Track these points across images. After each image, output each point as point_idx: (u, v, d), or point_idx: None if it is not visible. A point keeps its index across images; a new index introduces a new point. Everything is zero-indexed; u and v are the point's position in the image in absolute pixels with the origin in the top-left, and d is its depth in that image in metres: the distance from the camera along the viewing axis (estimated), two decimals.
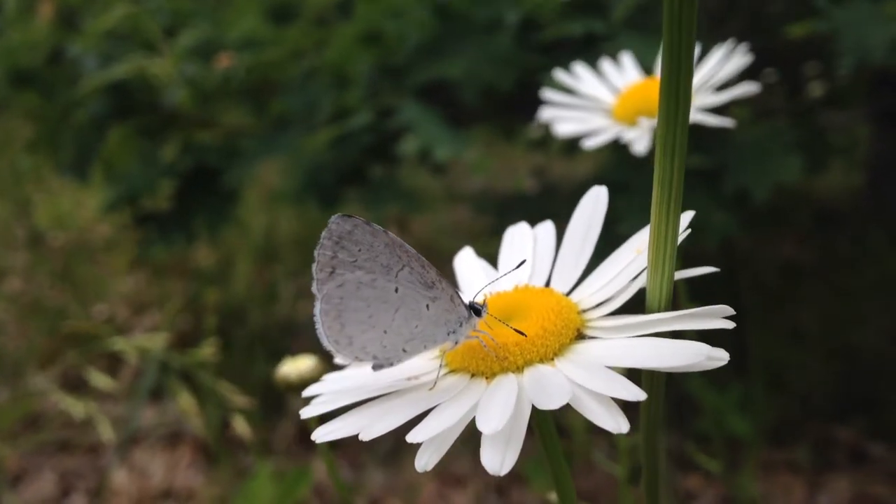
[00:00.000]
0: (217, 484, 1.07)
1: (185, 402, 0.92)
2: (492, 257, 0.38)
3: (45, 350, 1.35)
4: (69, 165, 1.20)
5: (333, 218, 0.28)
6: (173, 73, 1.07)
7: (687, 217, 0.27)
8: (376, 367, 0.29)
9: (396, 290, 0.29)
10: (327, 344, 0.29)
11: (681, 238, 0.25)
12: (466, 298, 0.30)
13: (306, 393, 0.30)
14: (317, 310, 0.29)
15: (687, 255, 1.23)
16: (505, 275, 0.32)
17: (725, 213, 0.96)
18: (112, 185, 1.18)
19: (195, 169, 1.17)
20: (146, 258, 1.14)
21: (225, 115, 1.29)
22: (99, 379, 0.96)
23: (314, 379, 0.44)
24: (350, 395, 0.28)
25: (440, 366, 0.29)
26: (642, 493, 0.29)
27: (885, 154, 1.45)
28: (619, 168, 0.98)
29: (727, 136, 0.97)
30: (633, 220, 0.89)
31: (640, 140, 0.55)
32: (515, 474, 0.94)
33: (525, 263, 0.33)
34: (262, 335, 1.33)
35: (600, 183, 0.96)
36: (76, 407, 0.93)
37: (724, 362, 0.23)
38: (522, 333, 0.28)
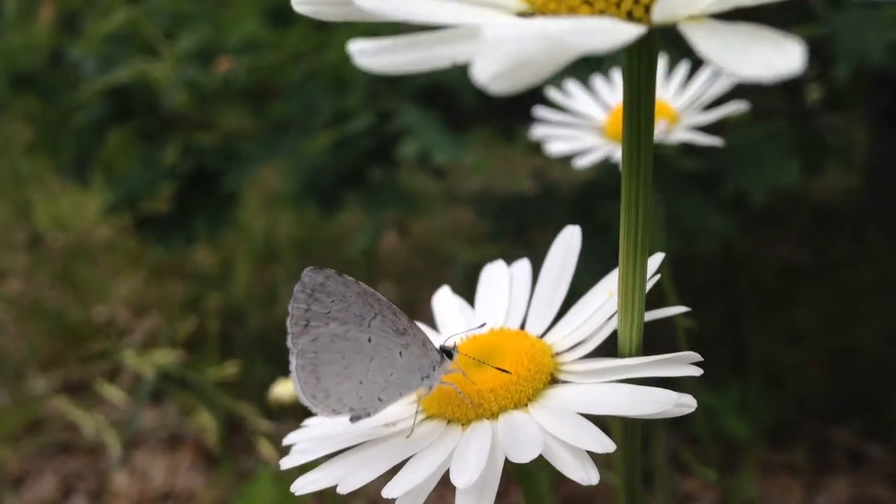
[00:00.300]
0: (218, 486, 1.08)
1: (204, 418, 0.93)
2: (488, 261, 0.38)
3: (46, 352, 1.36)
4: (69, 168, 1.21)
5: (306, 271, 0.29)
6: (173, 77, 1.07)
7: (655, 262, 0.28)
8: (353, 419, 0.29)
9: (370, 340, 0.29)
10: (304, 399, 0.29)
11: (649, 284, 0.26)
12: (443, 340, 0.31)
13: (286, 441, 0.30)
14: (293, 365, 0.29)
15: (686, 257, 1.24)
16: (471, 329, 0.32)
17: (724, 216, 0.96)
18: (112, 187, 1.18)
19: (195, 171, 1.17)
20: (149, 259, 1.15)
21: (224, 118, 1.29)
22: (107, 390, 0.97)
23: None
24: (329, 444, 0.28)
25: (416, 412, 0.29)
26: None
27: (883, 155, 1.45)
28: (616, 173, 0.98)
29: (725, 139, 0.97)
30: None
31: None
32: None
33: (499, 306, 0.33)
34: (262, 337, 1.34)
35: (599, 187, 0.96)
36: (85, 420, 0.93)
37: (692, 409, 0.24)
38: (507, 371, 0.28)
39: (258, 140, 1.11)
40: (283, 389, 0.46)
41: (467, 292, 0.37)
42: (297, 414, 0.43)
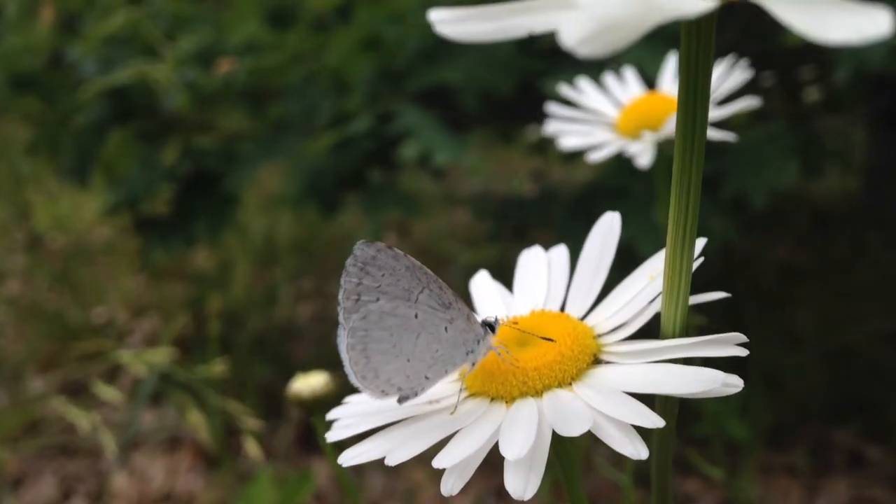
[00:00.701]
0: (217, 488, 1.08)
1: (194, 417, 0.92)
2: (488, 262, 0.38)
3: (45, 353, 1.36)
4: (69, 169, 1.21)
5: (358, 244, 0.29)
6: (173, 78, 1.07)
7: (700, 244, 0.28)
8: (402, 400, 0.29)
9: (416, 316, 0.29)
10: (355, 380, 0.29)
11: (695, 267, 0.26)
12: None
13: (330, 416, 0.31)
14: (343, 345, 0.29)
15: None
16: (512, 311, 0.32)
17: (724, 217, 0.96)
18: (112, 188, 1.18)
19: (195, 173, 1.17)
20: (146, 262, 1.15)
21: (224, 119, 1.29)
22: (105, 391, 0.97)
23: (326, 395, 0.44)
24: (373, 419, 0.29)
25: (460, 389, 0.29)
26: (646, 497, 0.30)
27: (882, 157, 1.46)
28: (618, 174, 0.98)
29: (724, 141, 0.97)
30: (632, 225, 0.89)
31: (643, 154, 0.56)
32: None
33: (538, 290, 0.34)
34: (262, 338, 1.34)
35: (600, 189, 0.96)
36: (81, 419, 0.93)
37: (740, 388, 0.24)
38: (551, 339, 0.29)
39: (258, 141, 1.11)
40: (302, 384, 0.45)
41: (467, 293, 0.37)
42: (315, 410, 0.43)
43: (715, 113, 0.56)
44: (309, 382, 0.45)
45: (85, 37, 1.16)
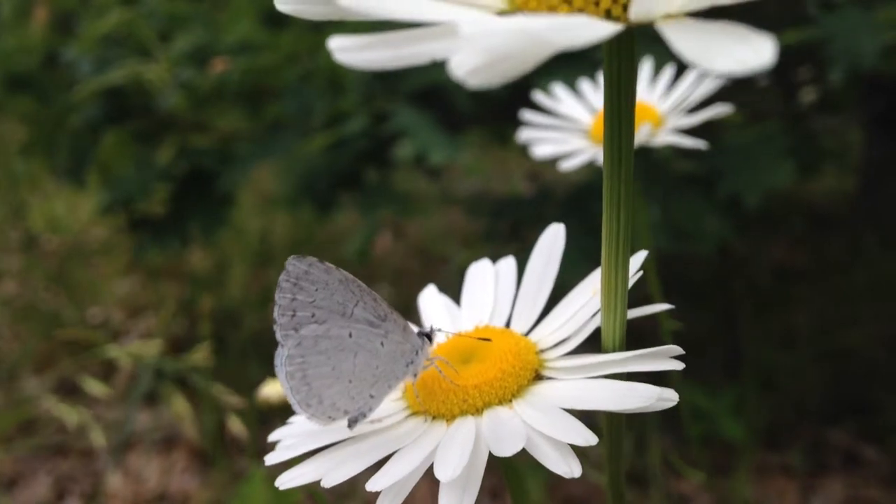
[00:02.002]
0: (212, 488, 1.07)
1: (179, 406, 0.92)
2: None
3: (40, 354, 1.35)
4: (64, 169, 1.21)
5: (290, 259, 0.29)
6: (168, 78, 1.07)
7: (638, 259, 0.28)
8: (351, 424, 0.29)
9: (350, 335, 0.29)
10: (299, 409, 0.29)
11: (632, 281, 0.26)
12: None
13: (271, 437, 0.30)
14: (281, 372, 0.29)
15: (681, 259, 1.24)
16: (456, 328, 0.33)
17: (719, 218, 0.96)
18: (107, 188, 1.18)
19: (190, 173, 1.17)
20: (141, 261, 1.15)
21: (219, 119, 1.29)
22: (94, 386, 0.97)
23: None
24: (315, 440, 0.29)
25: (403, 408, 0.29)
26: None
27: (878, 158, 1.46)
28: None
29: (720, 142, 0.97)
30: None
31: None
32: None
33: (485, 304, 0.34)
34: (257, 339, 1.33)
35: (594, 188, 0.96)
36: (70, 415, 0.93)
37: (674, 403, 0.24)
38: (487, 339, 0.29)
39: (253, 141, 1.11)
40: (272, 390, 0.45)
41: (462, 292, 0.37)
42: (285, 415, 0.43)
43: (686, 120, 0.56)
44: (277, 388, 0.46)
45: (80, 36, 1.16)
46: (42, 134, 1.20)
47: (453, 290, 0.37)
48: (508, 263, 0.35)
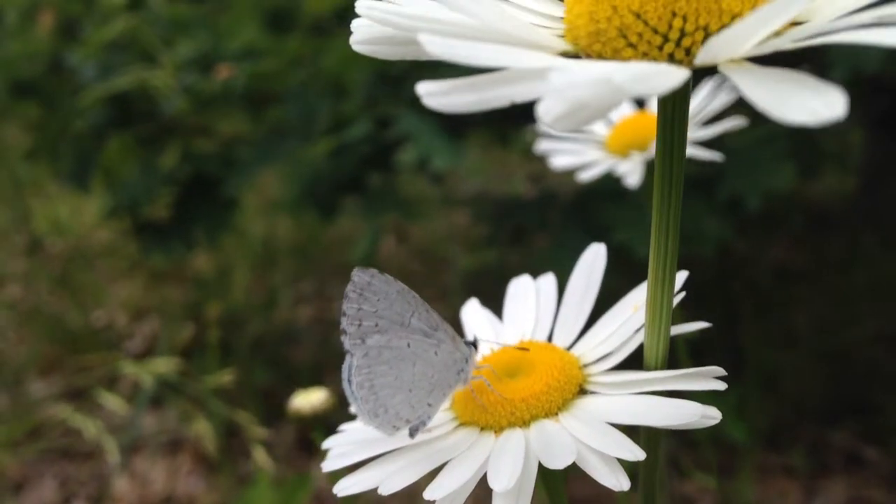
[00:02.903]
0: (217, 491, 1.08)
1: (199, 426, 0.93)
2: (488, 267, 0.39)
3: (46, 357, 1.36)
4: (69, 174, 1.21)
5: (355, 271, 0.30)
6: (172, 84, 1.08)
7: (681, 278, 0.29)
8: (412, 432, 0.30)
9: (409, 345, 0.30)
10: (367, 419, 0.30)
11: (676, 300, 0.27)
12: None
13: (325, 445, 0.31)
14: (348, 381, 0.30)
15: (683, 261, 1.24)
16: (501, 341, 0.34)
17: (720, 219, 0.97)
18: (112, 193, 1.19)
19: (194, 177, 1.18)
20: (145, 265, 1.15)
21: (223, 123, 1.30)
22: (107, 398, 0.97)
23: (325, 410, 0.45)
24: (367, 449, 0.29)
25: (451, 419, 0.30)
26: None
27: (879, 159, 1.46)
28: (615, 177, 0.99)
29: (720, 143, 0.98)
30: (627, 228, 0.89)
31: (632, 173, 0.56)
32: None
33: (527, 318, 0.35)
34: (261, 341, 1.34)
35: (597, 191, 0.96)
36: (87, 425, 0.94)
37: (717, 420, 0.25)
38: (525, 349, 0.31)
39: (257, 146, 1.12)
40: (303, 401, 0.46)
41: (466, 296, 0.38)
42: (315, 425, 0.44)
43: (701, 133, 0.57)
44: (309, 399, 0.46)
45: (84, 42, 1.17)
46: (47, 139, 1.20)
47: (457, 294, 0.37)
48: (548, 280, 0.36)
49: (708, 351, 1.17)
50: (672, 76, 0.17)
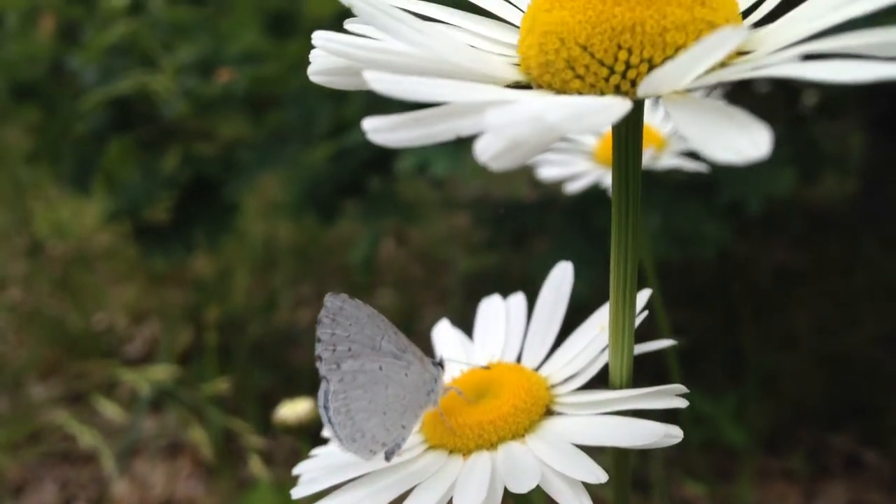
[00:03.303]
0: (217, 494, 1.08)
1: (195, 434, 0.93)
2: (488, 270, 0.39)
3: (46, 360, 1.36)
4: (70, 177, 1.21)
5: (327, 297, 0.30)
6: (173, 87, 1.08)
7: (643, 298, 0.29)
8: (388, 455, 0.30)
9: (381, 368, 0.30)
10: (344, 445, 0.30)
11: (638, 320, 0.28)
12: (445, 372, 0.32)
13: (296, 471, 0.31)
14: (325, 408, 0.30)
15: (682, 264, 1.24)
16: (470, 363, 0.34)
17: (720, 223, 0.97)
18: (112, 196, 1.19)
19: (194, 180, 1.18)
20: (145, 267, 1.15)
21: (223, 127, 1.30)
22: (105, 406, 0.98)
23: (311, 420, 0.45)
24: (338, 474, 0.30)
25: (421, 442, 0.31)
26: None
27: (878, 161, 1.46)
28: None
29: None
30: None
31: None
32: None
33: (496, 339, 0.35)
34: (262, 344, 1.34)
35: (596, 195, 0.96)
36: (83, 433, 0.94)
37: (680, 439, 0.25)
38: (487, 367, 0.32)
39: (257, 149, 1.12)
40: (289, 411, 0.46)
41: (466, 298, 0.38)
42: (300, 435, 0.44)
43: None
44: (294, 409, 0.46)
45: (85, 46, 1.17)
46: (48, 142, 1.20)
47: (457, 297, 0.38)
48: (518, 300, 0.36)
49: (708, 353, 1.17)
50: (610, 112, 0.17)
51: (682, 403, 0.26)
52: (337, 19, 1.18)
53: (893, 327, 1.22)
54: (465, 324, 0.37)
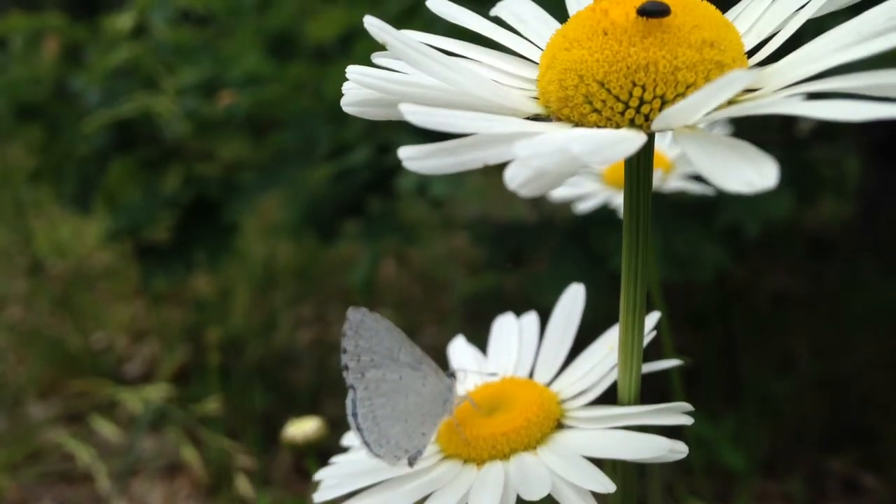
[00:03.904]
0: None
1: (188, 454, 0.93)
2: (487, 289, 0.40)
3: (45, 379, 1.36)
4: (72, 196, 1.22)
5: (349, 310, 0.31)
6: (175, 109, 1.09)
7: (651, 321, 0.31)
8: (411, 461, 0.31)
9: (401, 378, 0.32)
10: (374, 450, 0.31)
11: (646, 341, 0.29)
12: (460, 385, 0.34)
13: (317, 477, 0.33)
14: (352, 414, 0.32)
15: (681, 286, 1.24)
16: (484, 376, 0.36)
17: (718, 247, 0.98)
18: (114, 216, 1.20)
19: (195, 201, 1.19)
20: (148, 288, 1.16)
21: (225, 148, 1.31)
22: (103, 426, 0.98)
23: (318, 439, 0.45)
24: (357, 480, 0.31)
25: (437, 451, 0.32)
26: None
27: (876, 185, 1.47)
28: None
29: None
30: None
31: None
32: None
33: (510, 355, 0.37)
34: (261, 364, 1.34)
35: (595, 215, 0.97)
36: (81, 452, 0.94)
37: (685, 454, 0.27)
38: (495, 374, 0.34)
39: (258, 171, 1.13)
40: (297, 430, 0.46)
41: (465, 319, 0.39)
42: (308, 453, 0.45)
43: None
44: (302, 428, 0.46)
45: (89, 69, 1.18)
46: (50, 162, 1.21)
47: (455, 317, 0.39)
48: (531, 319, 0.38)
49: (706, 377, 1.18)
50: (627, 145, 0.19)
51: (688, 420, 0.28)
52: (339, 42, 1.19)
53: (892, 351, 1.22)
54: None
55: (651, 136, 0.23)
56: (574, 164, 0.18)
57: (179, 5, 1.24)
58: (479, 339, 0.39)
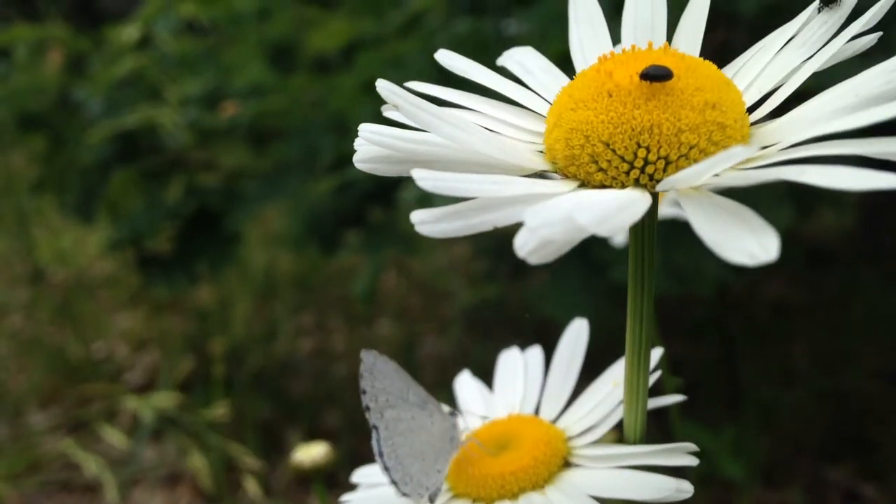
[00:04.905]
0: None
1: (194, 461, 0.94)
2: (487, 300, 0.40)
3: (46, 388, 1.36)
4: (74, 206, 1.22)
5: (362, 353, 0.32)
6: (178, 120, 1.10)
7: (655, 357, 0.32)
8: (431, 499, 0.32)
9: (413, 418, 0.33)
10: (401, 488, 0.32)
11: (652, 380, 0.30)
12: (465, 422, 0.34)
13: (342, 499, 0.33)
14: (384, 457, 0.32)
15: (681, 297, 1.24)
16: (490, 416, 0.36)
17: (719, 260, 0.98)
18: (116, 225, 1.20)
19: (197, 211, 1.19)
20: (147, 295, 1.16)
21: (227, 158, 1.31)
22: (108, 432, 0.98)
23: (326, 464, 0.46)
24: None
25: (447, 490, 0.33)
26: None
27: (877, 196, 1.47)
28: None
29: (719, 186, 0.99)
30: (625, 266, 0.90)
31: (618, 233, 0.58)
32: None
33: (515, 391, 0.37)
34: (262, 373, 1.34)
35: None
36: (88, 461, 0.94)
37: (690, 494, 0.27)
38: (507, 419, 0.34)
39: (260, 181, 1.13)
40: (305, 455, 0.46)
41: (465, 329, 0.39)
42: (316, 478, 0.45)
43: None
44: (310, 453, 0.47)
45: (93, 79, 1.18)
46: (53, 172, 1.22)
47: (456, 327, 0.39)
48: (535, 353, 0.38)
49: (706, 386, 1.18)
50: (632, 210, 0.20)
51: (693, 461, 0.28)
52: (340, 53, 1.20)
53: (892, 361, 1.22)
54: (465, 355, 0.38)
55: (655, 196, 0.23)
56: (580, 234, 0.18)
57: (183, 16, 1.25)
58: (480, 350, 0.39)
